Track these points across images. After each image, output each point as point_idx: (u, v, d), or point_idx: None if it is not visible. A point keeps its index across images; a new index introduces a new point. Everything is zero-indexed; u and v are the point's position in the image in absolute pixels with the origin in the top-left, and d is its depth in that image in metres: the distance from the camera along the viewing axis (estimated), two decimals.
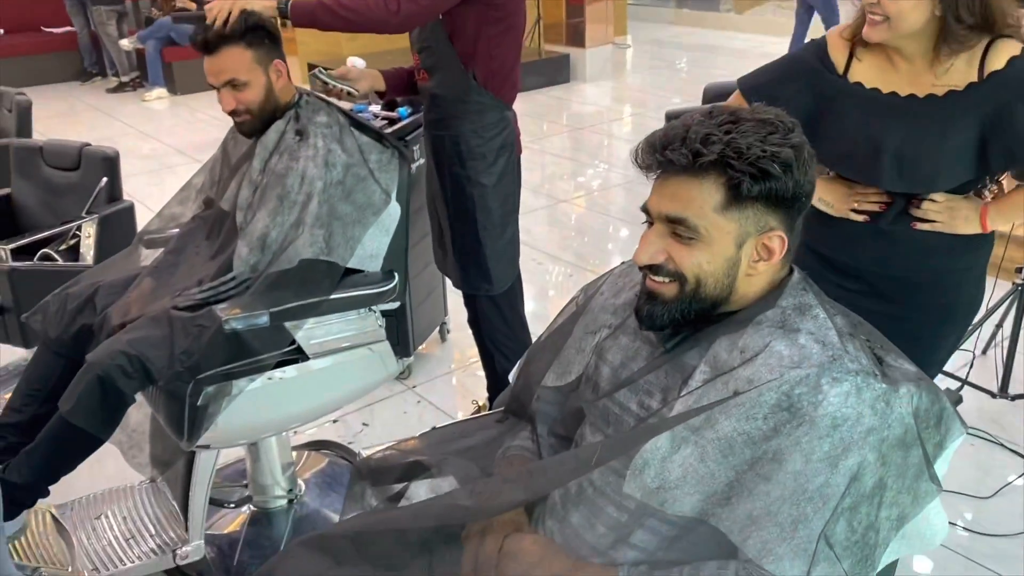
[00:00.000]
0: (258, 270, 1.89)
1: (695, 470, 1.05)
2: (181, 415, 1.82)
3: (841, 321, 1.13)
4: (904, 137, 1.55)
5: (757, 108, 1.12)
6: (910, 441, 1.06)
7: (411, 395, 3.07)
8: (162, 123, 7.22)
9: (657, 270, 1.13)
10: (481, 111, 2.26)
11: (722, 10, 10.87)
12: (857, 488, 1.02)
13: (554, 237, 4.52)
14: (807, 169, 1.09)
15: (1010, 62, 1.49)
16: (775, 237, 1.10)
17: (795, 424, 1.01)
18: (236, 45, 1.92)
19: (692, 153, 1.06)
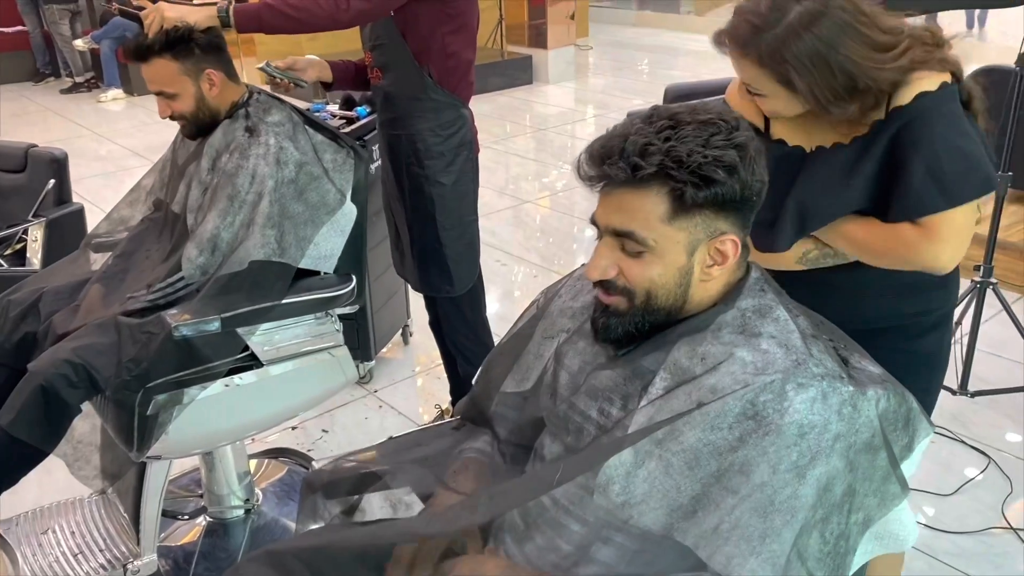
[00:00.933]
0: (208, 272, 1.83)
1: (660, 484, 1.02)
2: (130, 425, 1.76)
3: (804, 322, 1.11)
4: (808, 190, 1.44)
5: (698, 108, 1.07)
6: (877, 444, 1.04)
7: (373, 400, 3.02)
8: (118, 125, 7.08)
9: (608, 285, 1.10)
10: (437, 109, 2.23)
11: (682, 12, 10.95)
12: (828, 498, 1.00)
13: (518, 238, 4.49)
14: (754, 167, 1.05)
15: (917, 97, 1.35)
16: (727, 241, 1.07)
17: (761, 433, 0.99)
18: (161, 57, 1.87)
19: (630, 167, 1.02)
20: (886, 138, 1.38)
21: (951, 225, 1.37)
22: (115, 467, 2.11)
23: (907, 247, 1.38)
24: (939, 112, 1.35)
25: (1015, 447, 2.62)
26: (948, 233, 1.37)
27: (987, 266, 2.68)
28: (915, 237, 1.37)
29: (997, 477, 2.48)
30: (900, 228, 1.38)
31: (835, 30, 1.31)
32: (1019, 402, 2.80)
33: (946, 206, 1.35)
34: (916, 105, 1.35)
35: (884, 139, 1.38)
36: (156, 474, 1.94)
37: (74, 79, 8.19)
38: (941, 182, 1.34)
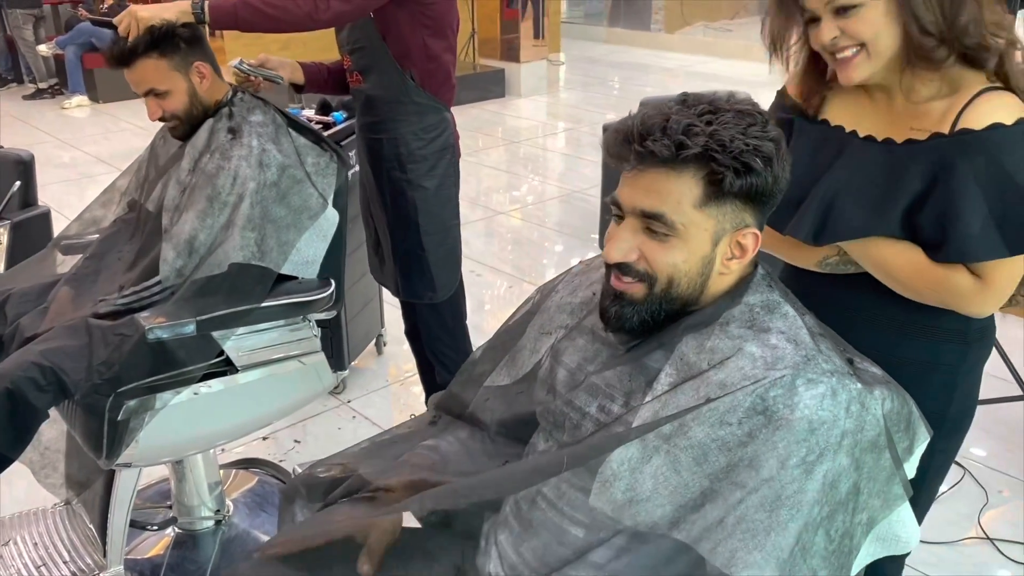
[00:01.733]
0: (184, 275, 1.78)
1: (667, 480, 1.00)
2: (100, 431, 1.70)
3: (811, 320, 1.10)
4: (842, 183, 1.33)
5: (732, 98, 1.07)
6: (882, 444, 1.04)
7: (346, 410, 2.97)
8: (83, 131, 6.96)
9: (626, 269, 1.07)
10: (420, 113, 2.20)
11: (652, 30, 11.05)
12: (833, 495, 0.98)
13: (492, 249, 4.47)
14: (784, 164, 1.06)
15: (991, 128, 1.21)
16: (749, 234, 1.07)
17: (772, 428, 0.97)
18: (148, 57, 1.83)
19: (675, 145, 1.00)
20: (944, 158, 1.24)
21: (1008, 275, 1.26)
22: (82, 475, 2.04)
23: (956, 294, 1.27)
24: (1012, 152, 1.21)
25: (989, 458, 2.64)
26: (1004, 283, 1.26)
27: None
28: (969, 286, 1.25)
29: (972, 487, 2.50)
30: (953, 276, 1.25)
31: None
32: (992, 413, 2.82)
33: (1007, 254, 1.22)
34: (987, 136, 1.21)
35: (941, 158, 1.24)
36: (125, 483, 1.88)
37: (37, 85, 8.05)
38: (1003, 228, 1.21)
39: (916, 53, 1.23)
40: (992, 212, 1.22)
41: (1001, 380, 2.84)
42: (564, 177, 5.76)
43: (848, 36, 1.23)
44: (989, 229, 1.22)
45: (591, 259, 1.32)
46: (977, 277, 1.25)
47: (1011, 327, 3.36)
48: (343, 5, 2.00)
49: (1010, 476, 2.56)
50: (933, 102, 1.27)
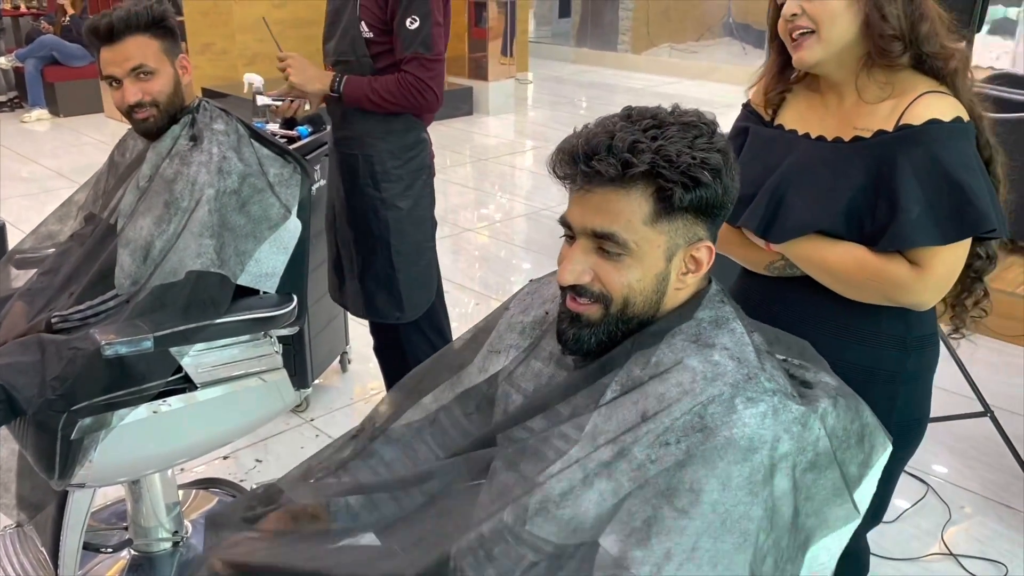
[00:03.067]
0: (139, 283, 1.73)
1: (611, 507, 0.96)
2: (52, 450, 1.65)
3: (759, 338, 1.07)
4: (790, 180, 1.41)
5: (676, 110, 1.06)
6: (823, 464, 1.00)
7: (309, 429, 2.92)
8: (43, 145, 6.84)
9: (581, 291, 1.05)
10: (400, 132, 2.19)
11: (619, 50, 11.14)
12: (778, 520, 0.95)
13: (460, 266, 4.45)
14: (734, 174, 1.05)
15: (929, 123, 1.31)
16: (703, 248, 1.06)
17: (709, 447, 0.94)
18: (142, 34, 1.80)
19: (620, 163, 0.98)
20: (886, 153, 1.33)
21: (944, 263, 1.32)
22: (35, 497, 1.97)
23: (894, 283, 1.33)
24: (947, 145, 1.30)
25: (951, 474, 2.66)
26: (941, 271, 1.32)
27: None
28: (907, 275, 1.32)
29: (936, 504, 2.52)
30: (891, 265, 1.33)
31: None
32: (953, 430, 2.85)
33: (941, 242, 1.30)
34: (925, 130, 1.30)
35: (883, 153, 1.33)
36: (78, 504, 1.83)
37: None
38: (938, 217, 1.29)
39: (876, 46, 1.33)
40: (928, 202, 1.29)
41: (962, 397, 2.87)
42: (532, 195, 5.77)
43: (807, 16, 1.34)
44: (925, 217, 1.29)
45: (542, 276, 1.30)
46: (915, 266, 1.32)
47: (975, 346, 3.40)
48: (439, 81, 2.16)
49: (972, 492, 2.58)
50: (882, 103, 1.37)
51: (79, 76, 7.56)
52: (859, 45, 1.36)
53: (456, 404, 1.22)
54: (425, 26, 2.08)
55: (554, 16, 12.37)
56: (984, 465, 2.71)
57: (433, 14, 2.10)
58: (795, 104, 1.49)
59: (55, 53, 7.51)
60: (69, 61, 7.56)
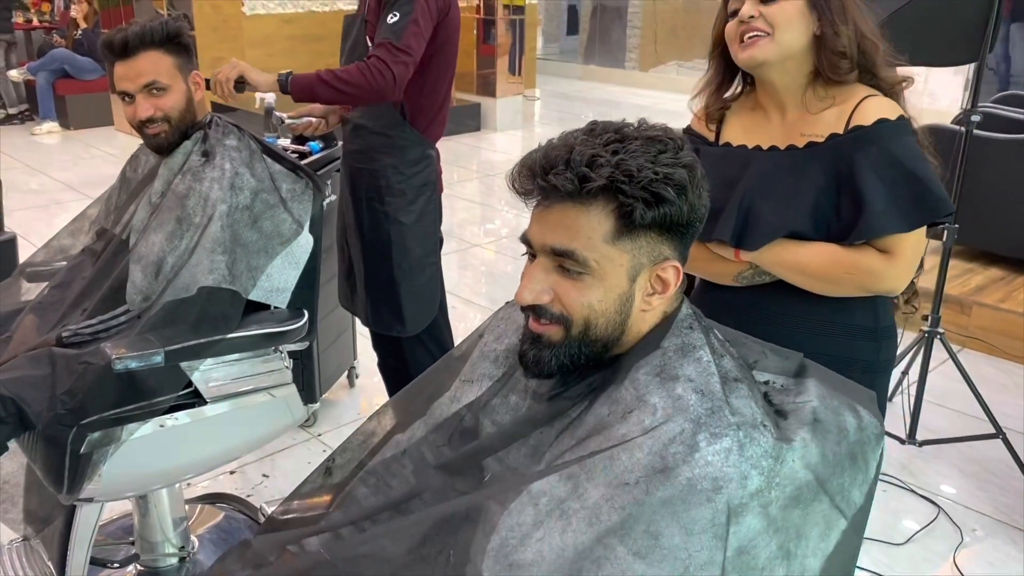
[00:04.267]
0: (150, 299, 1.73)
1: (554, 545, 0.89)
2: (61, 464, 1.64)
3: (729, 363, 1.00)
4: (755, 189, 1.46)
5: (642, 124, 1.01)
6: (807, 497, 0.92)
7: (316, 444, 2.91)
8: (52, 158, 6.87)
9: (541, 312, 1.00)
10: (404, 147, 2.20)
11: (627, 67, 11.18)
12: (746, 563, 0.87)
13: (466, 281, 4.45)
14: (701, 191, 1.00)
15: (878, 122, 1.41)
16: (669, 268, 1.00)
17: (670, 488, 0.87)
18: (157, 50, 1.81)
19: (578, 178, 0.94)
20: (842, 154, 1.42)
21: (912, 247, 1.43)
22: (43, 511, 1.96)
23: (870, 272, 1.42)
24: (897, 140, 1.41)
25: (963, 496, 2.64)
26: (910, 255, 1.43)
27: (935, 316, 2.73)
28: (880, 263, 1.42)
29: (947, 526, 2.49)
30: (864, 257, 1.42)
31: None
32: (965, 452, 2.83)
33: (906, 228, 1.40)
34: (876, 129, 1.40)
35: (840, 154, 1.42)
36: (86, 518, 1.82)
37: (7, 111, 7.95)
38: (900, 206, 1.39)
39: (829, 62, 1.42)
40: (890, 193, 1.39)
41: (974, 418, 2.86)
42: None
43: (764, 19, 1.41)
44: (891, 207, 1.39)
45: None
46: (886, 254, 1.42)
47: (983, 365, 3.40)
48: (404, 69, 2.11)
49: (984, 515, 2.56)
50: (825, 112, 1.46)
51: (90, 89, 7.60)
52: (806, 59, 1.44)
53: (428, 436, 1.16)
54: (402, 21, 2.09)
55: (562, 33, 12.42)
56: (996, 487, 2.68)
57: (415, 14, 2.09)
58: (736, 122, 1.56)
59: (66, 66, 7.55)
60: (80, 74, 7.60)
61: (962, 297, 3.64)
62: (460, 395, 1.16)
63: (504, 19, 7.87)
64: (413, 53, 2.10)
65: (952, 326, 3.51)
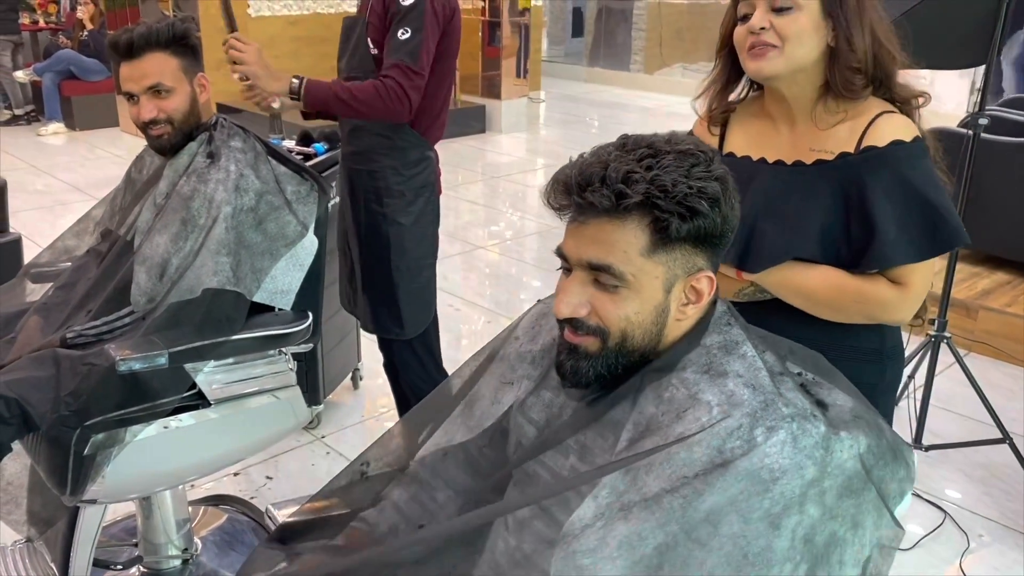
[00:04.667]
0: (154, 300, 1.73)
1: (616, 531, 0.93)
2: (65, 466, 1.63)
3: (771, 358, 1.04)
4: (760, 208, 1.40)
5: (673, 138, 1.03)
6: (858, 487, 0.97)
7: (320, 446, 2.90)
8: (58, 159, 6.88)
9: (578, 324, 1.02)
10: (404, 149, 2.19)
11: (632, 70, 11.17)
12: (810, 550, 0.92)
13: (470, 283, 4.45)
14: (733, 202, 1.02)
15: (892, 144, 1.34)
16: (703, 278, 1.02)
17: (730, 481, 0.91)
18: (162, 51, 1.80)
19: (614, 194, 0.96)
20: (853, 175, 1.35)
21: (923, 278, 1.36)
22: (46, 512, 1.96)
23: (879, 303, 1.36)
24: (912, 164, 1.34)
25: (968, 501, 2.63)
26: (921, 286, 1.37)
27: (941, 320, 2.71)
28: (890, 294, 1.36)
29: (953, 531, 2.48)
30: (873, 286, 1.36)
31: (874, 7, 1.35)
32: (971, 456, 2.82)
33: (919, 258, 1.34)
34: (889, 152, 1.33)
35: (850, 175, 1.35)
36: (89, 520, 1.81)
37: (13, 111, 7.97)
38: (912, 234, 1.33)
39: (842, 78, 1.35)
40: (902, 221, 1.33)
41: (980, 423, 2.84)
42: (543, 213, 5.72)
43: (775, 31, 1.33)
44: (902, 237, 1.33)
45: (548, 298, 1.27)
46: (897, 284, 1.36)
47: (989, 370, 3.38)
48: (417, 93, 2.10)
49: (990, 520, 2.55)
50: (837, 127, 1.38)
51: (96, 90, 7.61)
52: (817, 72, 1.37)
53: (471, 439, 1.19)
54: (415, 39, 2.08)
55: (567, 36, 12.42)
56: (1003, 492, 2.67)
57: (426, 30, 2.09)
58: (742, 129, 1.49)
59: (72, 67, 7.56)
60: (86, 75, 7.62)
61: (968, 301, 3.62)
62: (501, 396, 1.18)
63: (509, 21, 7.86)
64: (426, 72, 2.11)
65: (958, 330, 3.49)
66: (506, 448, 1.17)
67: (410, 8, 2.08)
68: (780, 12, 1.33)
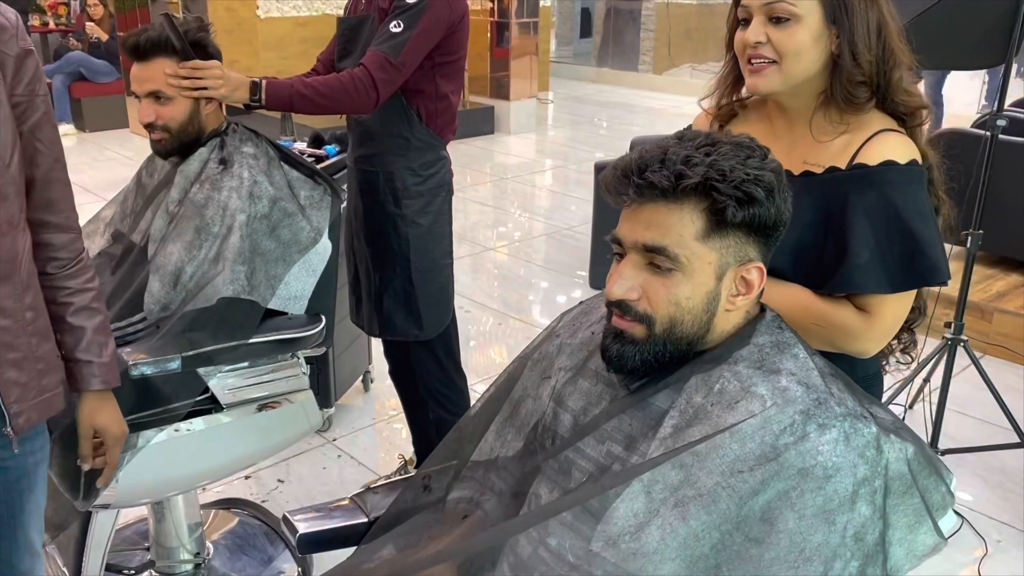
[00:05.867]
0: (170, 309, 1.72)
1: (675, 532, 0.94)
2: (77, 471, 1.62)
3: (820, 361, 1.06)
4: None
5: (729, 132, 1.06)
6: (901, 489, 1.00)
7: (331, 449, 2.89)
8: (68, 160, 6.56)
9: (626, 309, 1.03)
10: (420, 149, 2.18)
11: (640, 71, 11.15)
12: (861, 548, 0.93)
13: (479, 284, 4.43)
14: (787, 195, 1.04)
15: (884, 164, 1.25)
16: (754, 269, 1.04)
17: (783, 477, 0.93)
18: (169, 57, 1.79)
19: (674, 175, 0.98)
20: (837, 192, 1.27)
21: (893, 311, 1.27)
22: (58, 517, 1.95)
23: (841, 329, 1.27)
24: (901, 188, 1.25)
25: (986, 506, 2.60)
26: (889, 321, 1.28)
27: (958, 323, 2.68)
28: (855, 322, 1.27)
29: (970, 536, 2.46)
30: (839, 311, 1.27)
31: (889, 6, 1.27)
32: (988, 461, 2.79)
33: (889, 290, 1.25)
34: (880, 172, 1.25)
35: (834, 191, 1.27)
36: (102, 525, 1.81)
37: None
38: (888, 264, 1.24)
39: (844, 91, 1.26)
40: (879, 247, 1.24)
41: (998, 427, 2.82)
42: (551, 214, 5.75)
43: (771, 45, 1.25)
44: (875, 264, 1.24)
45: (591, 299, 1.28)
46: (863, 313, 1.27)
47: (1005, 373, 3.35)
48: (390, 87, 2.05)
49: (1008, 525, 2.52)
50: (835, 139, 1.30)
51: (105, 92, 7.62)
52: (820, 80, 1.29)
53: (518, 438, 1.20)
54: (405, 35, 2.03)
55: (575, 36, 12.40)
56: (1020, 497, 2.64)
57: (419, 29, 2.04)
58: (744, 128, 1.41)
59: (82, 69, 7.57)
60: (96, 77, 7.63)
61: (983, 303, 3.59)
62: (542, 392, 1.19)
63: (517, 22, 7.85)
64: (406, 70, 2.06)
65: (973, 333, 3.46)
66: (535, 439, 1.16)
67: (411, 5, 2.04)
68: (779, 23, 1.25)
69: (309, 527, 1.26)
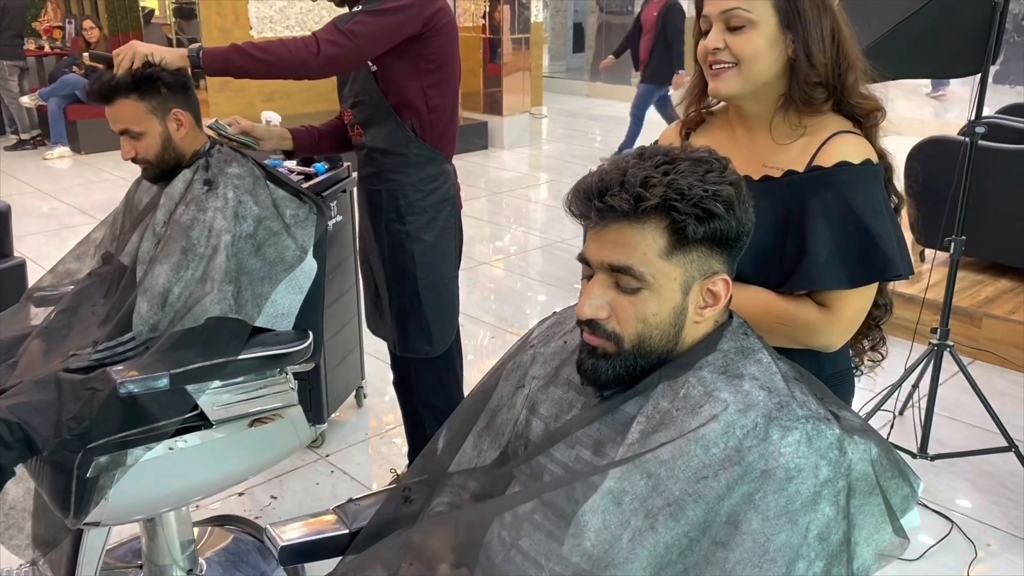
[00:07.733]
0: (159, 330, 1.75)
1: (645, 541, 0.96)
2: (68, 489, 1.64)
3: (784, 366, 1.08)
4: None
5: (688, 147, 1.08)
6: (868, 490, 1.01)
7: (324, 465, 2.90)
8: (63, 182, 6.92)
9: (595, 327, 1.06)
10: (420, 164, 2.19)
11: (633, 84, 11.20)
12: (825, 548, 0.95)
13: (475, 299, 4.45)
14: (747, 206, 1.06)
15: (839, 165, 1.30)
16: (719, 281, 1.06)
17: (747, 480, 0.95)
18: (127, 96, 1.83)
19: (633, 198, 1.00)
20: (795, 194, 1.32)
21: (853, 305, 1.32)
22: (49, 535, 1.97)
23: (803, 326, 1.32)
24: (855, 187, 1.30)
25: (976, 511, 2.61)
26: (850, 315, 1.32)
27: (943, 328, 2.70)
28: (816, 318, 1.31)
29: (961, 541, 2.47)
30: (800, 308, 1.32)
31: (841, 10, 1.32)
32: (977, 465, 2.81)
33: (848, 286, 1.30)
34: (835, 172, 1.30)
35: (792, 195, 1.32)
36: (93, 542, 1.82)
37: (19, 136, 8.03)
38: (846, 260, 1.29)
39: (801, 92, 1.31)
40: (836, 245, 1.29)
41: (986, 432, 2.83)
42: (546, 228, 5.78)
43: (729, 50, 1.31)
44: (834, 260, 1.29)
45: (564, 309, 1.31)
46: (824, 308, 1.31)
47: (995, 378, 3.37)
48: (335, 50, 1.98)
49: (998, 529, 2.53)
50: (794, 142, 1.35)
51: (101, 115, 7.56)
52: (779, 85, 1.34)
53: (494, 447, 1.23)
54: (364, 17, 2.01)
55: (568, 51, 12.49)
56: (1010, 501, 2.65)
57: (382, 18, 2.02)
58: (707, 137, 1.46)
59: (77, 92, 7.62)
60: None
61: (972, 309, 3.61)
62: (516, 401, 1.22)
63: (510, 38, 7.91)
64: (354, 40, 1.99)
65: (962, 338, 3.48)
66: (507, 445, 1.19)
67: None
68: (735, 31, 1.31)
69: (291, 539, 1.28)
